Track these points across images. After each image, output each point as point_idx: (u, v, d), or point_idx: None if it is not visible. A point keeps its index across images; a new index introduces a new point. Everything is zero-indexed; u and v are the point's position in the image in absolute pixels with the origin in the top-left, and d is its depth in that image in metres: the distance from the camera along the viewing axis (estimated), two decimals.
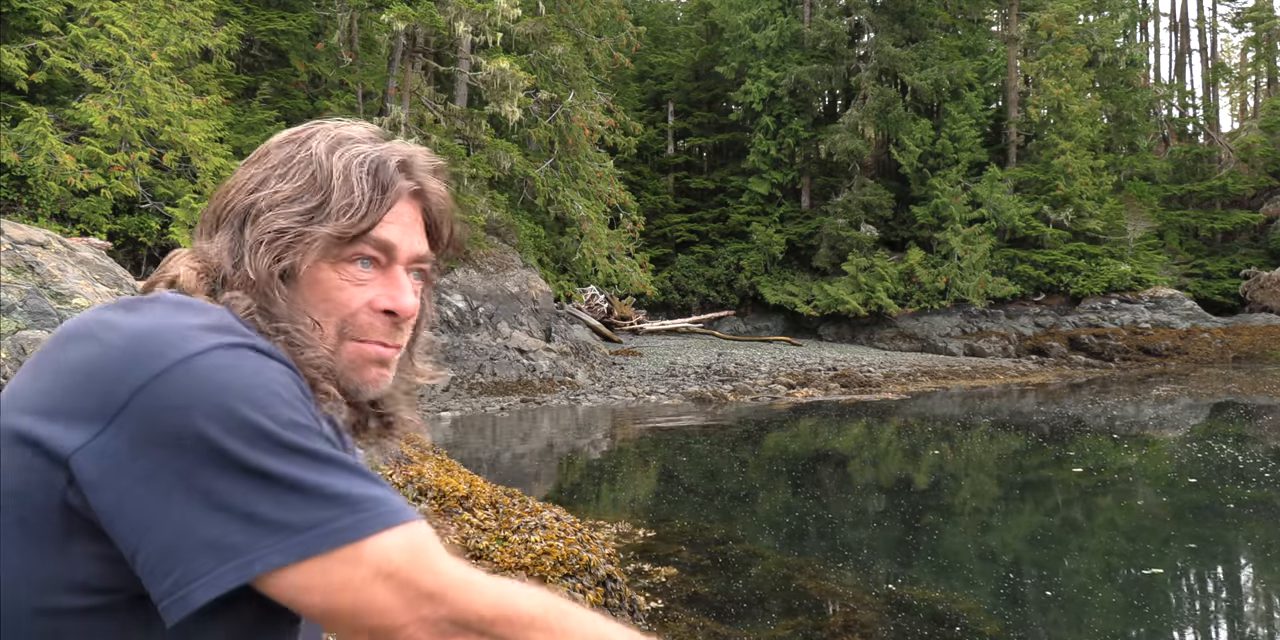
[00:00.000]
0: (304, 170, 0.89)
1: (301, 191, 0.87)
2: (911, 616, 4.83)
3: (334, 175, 0.88)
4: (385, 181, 0.90)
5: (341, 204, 0.87)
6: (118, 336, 0.74)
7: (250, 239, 0.86)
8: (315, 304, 0.87)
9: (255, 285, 0.85)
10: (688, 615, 4.75)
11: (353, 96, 19.46)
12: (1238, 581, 5.93)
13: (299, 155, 0.90)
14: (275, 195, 0.87)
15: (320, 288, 0.88)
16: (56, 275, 5.30)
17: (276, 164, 0.90)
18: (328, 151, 0.89)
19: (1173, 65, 43.55)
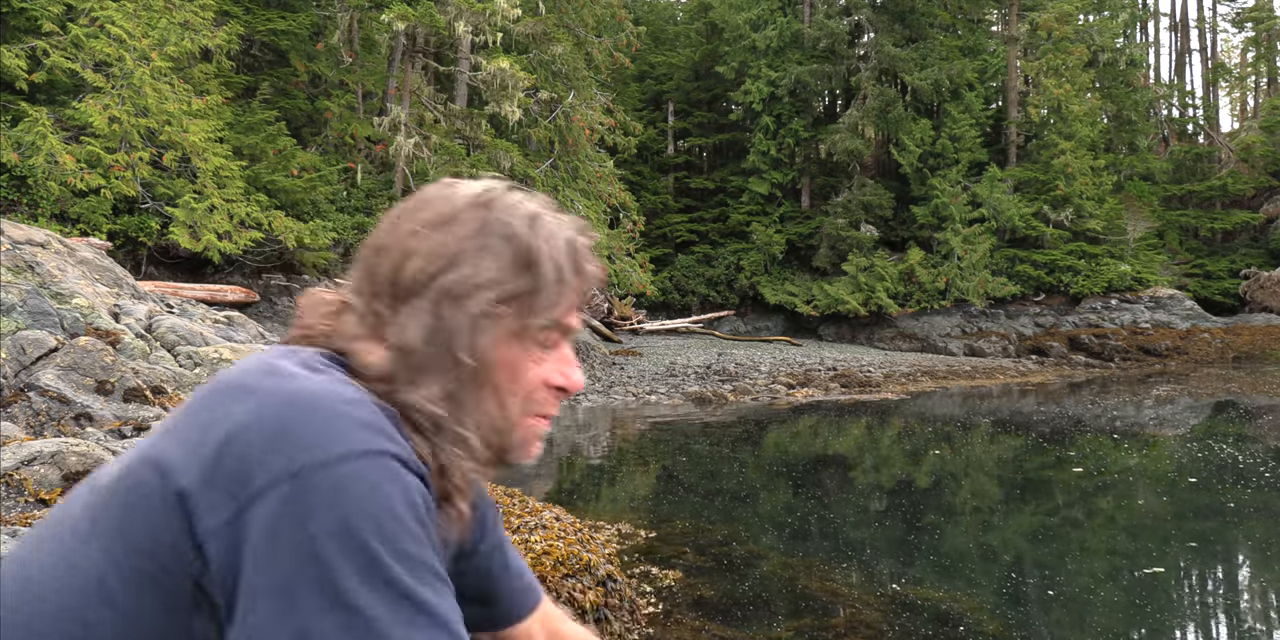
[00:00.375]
0: (505, 246, 0.84)
1: (508, 273, 0.83)
2: (915, 616, 4.83)
3: (541, 259, 0.85)
4: (584, 269, 0.89)
5: (552, 293, 0.85)
6: (275, 410, 0.73)
7: (453, 321, 0.82)
8: (504, 386, 0.85)
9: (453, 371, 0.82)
10: (692, 618, 4.75)
11: (353, 96, 19.46)
12: (1239, 581, 5.93)
13: (495, 226, 0.85)
14: (480, 274, 0.82)
15: (511, 370, 0.85)
16: (56, 275, 5.30)
17: (471, 234, 0.84)
18: (528, 227, 0.85)
19: (1173, 65, 43.57)
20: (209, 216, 13.26)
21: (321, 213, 16.43)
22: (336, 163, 17.59)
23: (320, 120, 18.52)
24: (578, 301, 0.89)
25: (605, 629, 4.05)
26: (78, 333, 4.71)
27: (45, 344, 4.39)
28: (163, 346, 5.32)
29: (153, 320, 5.67)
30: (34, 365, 4.27)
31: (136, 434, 4.12)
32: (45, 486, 3.25)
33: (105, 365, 4.41)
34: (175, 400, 4.65)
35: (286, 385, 0.75)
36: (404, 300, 0.83)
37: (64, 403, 4.09)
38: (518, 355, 0.85)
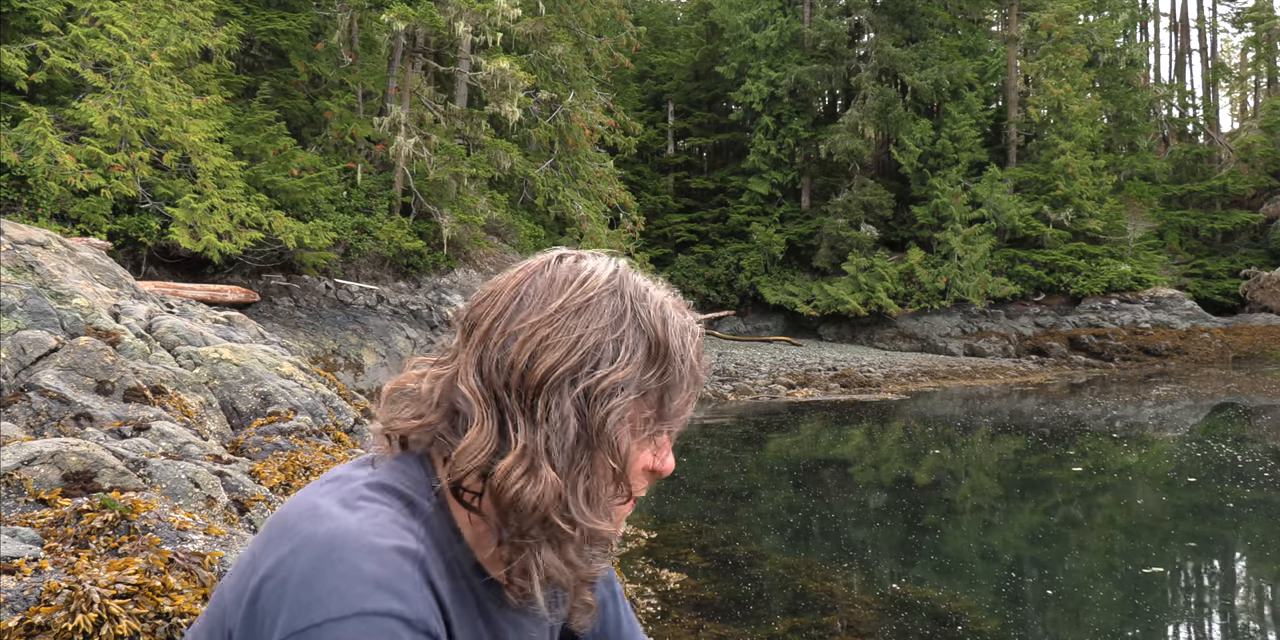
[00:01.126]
0: (641, 339, 0.80)
1: (643, 368, 0.80)
2: (914, 616, 4.83)
3: (674, 354, 0.81)
4: (702, 361, 0.86)
5: (682, 389, 0.82)
6: (296, 561, 0.73)
7: (597, 421, 0.78)
8: (627, 479, 0.83)
9: (593, 473, 0.79)
10: (691, 617, 4.75)
11: (353, 96, 19.47)
12: (1238, 581, 5.93)
13: (629, 316, 0.80)
14: (620, 370, 0.78)
15: (634, 464, 0.83)
16: (56, 275, 5.30)
17: (609, 325, 0.79)
18: (661, 320, 0.82)
19: (1173, 65, 43.57)
20: (209, 216, 13.26)
21: (321, 213, 16.44)
22: (336, 163, 17.60)
23: (320, 120, 18.53)
24: (696, 396, 0.86)
25: None
26: (78, 333, 4.71)
27: (45, 344, 4.39)
28: (163, 346, 5.32)
29: (153, 320, 5.68)
30: (34, 365, 4.27)
31: (136, 434, 4.12)
32: (45, 486, 3.26)
33: (105, 365, 4.41)
34: (175, 400, 4.65)
35: (317, 530, 0.74)
36: (538, 396, 0.77)
37: (64, 403, 4.09)
38: (643, 451, 0.83)
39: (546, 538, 0.78)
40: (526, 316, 0.79)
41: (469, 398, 0.78)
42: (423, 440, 0.83)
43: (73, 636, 2.44)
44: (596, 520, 0.79)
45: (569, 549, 0.79)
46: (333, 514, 0.75)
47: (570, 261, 0.84)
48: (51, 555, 2.83)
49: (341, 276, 17.31)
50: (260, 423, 4.94)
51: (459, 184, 19.15)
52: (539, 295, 0.80)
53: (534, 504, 0.76)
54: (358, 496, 0.78)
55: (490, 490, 0.77)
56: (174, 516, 3.20)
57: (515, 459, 0.76)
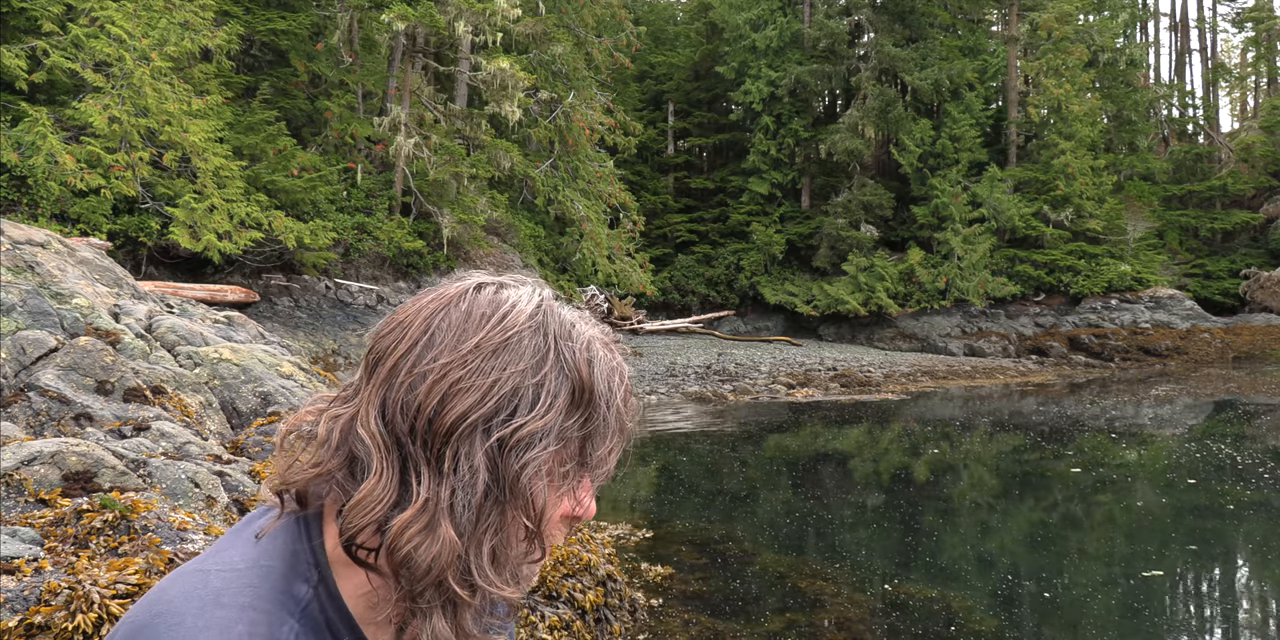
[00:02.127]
0: (564, 383, 0.72)
1: (565, 415, 0.72)
2: (907, 615, 4.84)
3: (599, 399, 0.74)
4: (630, 404, 0.78)
5: (606, 437, 0.75)
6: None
7: (510, 474, 0.70)
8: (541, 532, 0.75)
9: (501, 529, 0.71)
10: (684, 612, 4.77)
11: (353, 96, 19.47)
12: (1238, 583, 5.94)
13: (552, 357, 0.72)
14: (540, 417, 0.70)
15: (551, 516, 0.75)
16: (56, 275, 5.31)
17: (530, 368, 0.71)
18: (586, 362, 0.74)
19: (1173, 65, 43.57)
20: (209, 216, 13.27)
21: (321, 213, 16.45)
22: (336, 163, 17.61)
23: (320, 120, 18.54)
24: (623, 442, 0.78)
25: (605, 628, 4.06)
26: (78, 333, 4.72)
27: (45, 344, 4.40)
28: (163, 346, 5.34)
29: (153, 320, 5.69)
30: (34, 365, 4.28)
31: (136, 434, 4.14)
32: (45, 486, 3.27)
33: (105, 365, 4.42)
34: (175, 400, 4.66)
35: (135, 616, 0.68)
36: (446, 445, 0.69)
37: (64, 403, 4.10)
38: (561, 503, 0.76)
39: (441, 603, 0.71)
40: (438, 355, 0.71)
41: (368, 443, 0.70)
42: (320, 492, 0.75)
43: (73, 636, 2.45)
44: (500, 585, 0.71)
45: (465, 616, 0.71)
46: (180, 629, 0.66)
47: (490, 292, 0.75)
48: (51, 555, 2.84)
49: (341, 276, 17.32)
50: (260, 423, 4.95)
51: (459, 184, 19.16)
52: (453, 330, 0.72)
53: (428, 565, 0.68)
54: (214, 600, 0.68)
55: (384, 546, 0.69)
56: (174, 516, 3.21)
57: (414, 513, 0.68)
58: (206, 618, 0.66)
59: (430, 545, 0.68)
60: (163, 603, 0.68)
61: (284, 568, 0.72)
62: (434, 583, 0.69)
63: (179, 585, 0.70)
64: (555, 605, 3.95)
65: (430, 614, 0.71)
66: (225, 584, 0.70)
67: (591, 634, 3.95)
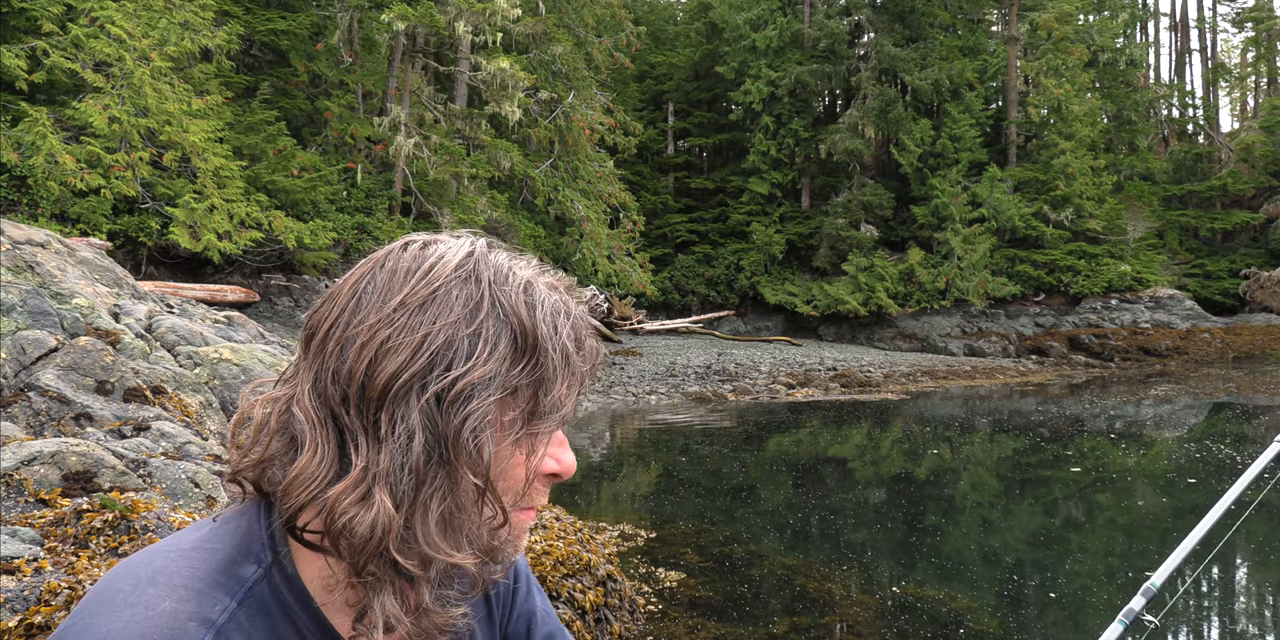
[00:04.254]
0: (503, 329, 0.69)
1: (507, 363, 0.68)
2: (914, 617, 4.83)
3: (544, 342, 0.70)
4: (585, 345, 0.75)
5: (558, 382, 0.71)
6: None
7: (450, 432, 0.66)
8: (502, 490, 0.72)
9: (450, 493, 0.68)
10: (689, 615, 4.75)
11: (353, 96, 19.46)
12: (1239, 583, 5.93)
13: (487, 305, 0.69)
14: (478, 369, 0.67)
15: (510, 473, 0.72)
16: (56, 275, 5.30)
17: (461, 317, 0.68)
18: (525, 304, 0.70)
19: (1173, 65, 43.57)
20: (209, 216, 13.26)
21: (321, 213, 16.44)
22: (336, 163, 17.60)
23: (320, 120, 18.53)
24: (581, 385, 0.75)
25: (605, 629, 4.05)
26: (78, 333, 4.71)
27: (45, 344, 4.39)
28: (163, 346, 5.33)
29: (153, 320, 5.68)
30: (34, 365, 4.27)
31: (136, 434, 4.13)
32: (45, 486, 3.26)
33: (105, 365, 4.41)
34: (175, 400, 4.65)
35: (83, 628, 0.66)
36: (381, 409, 0.66)
37: (64, 403, 4.09)
38: (519, 456, 0.72)
39: (390, 578, 0.68)
40: (365, 317, 0.68)
41: (302, 420, 0.68)
42: (275, 478, 0.71)
43: None
44: (451, 551, 0.68)
45: (422, 590, 0.68)
46: (109, 606, 0.65)
47: (416, 248, 0.72)
48: (51, 555, 2.83)
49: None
50: None
51: (459, 184, 19.15)
52: (379, 292, 0.69)
53: (365, 536, 0.65)
54: (149, 578, 0.66)
55: (323, 522, 0.67)
56: (174, 516, 3.20)
57: (349, 484, 0.65)
58: (136, 595, 0.65)
59: (365, 514, 0.65)
60: (105, 581, 0.67)
61: (231, 549, 0.70)
62: (375, 554, 0.66)
63: (125, 566, 0.69)
64: (555, 605, 3.94)
65: (380, 589, 0.68)
66: (166, 563, 0.68)
67: (592, 634, 3.94)
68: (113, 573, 0.68)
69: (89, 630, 0.63)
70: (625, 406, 14.83)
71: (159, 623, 0.63)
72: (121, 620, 0.63)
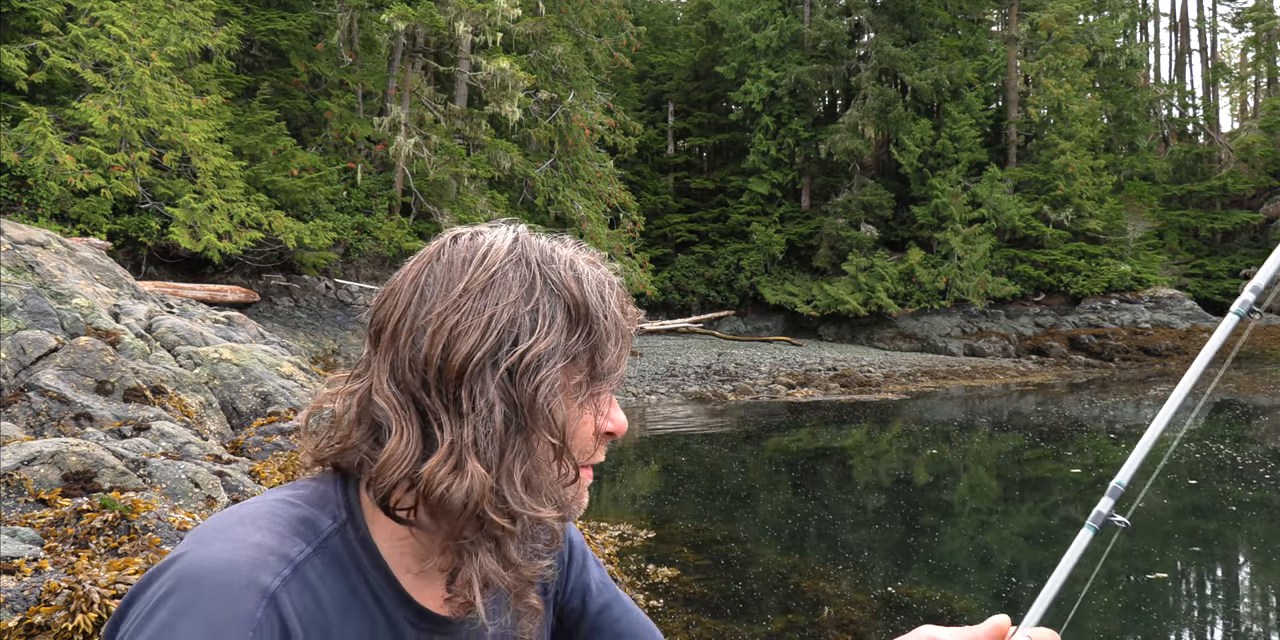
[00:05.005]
0: (557, 303, 0.75)
1: (565, 333, 0.75)
2: (910, 617, 4.83)
3: (595, 312, 0.77)
4: (629, 312, 0.81)
5: (611, 346, 0.78)
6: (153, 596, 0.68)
7: (526, 400, 0.73)
8: (572, 450, 0.78)
9: (530, 455, 0.74)
10: (685, 613, 4.76)
11: (353, 96, 19.47)
12: (1241, 584, 5.94)
13: (540, 283, 0.76)
14: (542, 342, 0.73)
15: (577, 430, 0.79)
16: (56, 275, 5.31)
17: (520, 297, 0.74)
18: (573, 280, 0.77)
19: (1173, 65, 43.57)
20: (209, 216, 13.27)
21: (321, 213, 16.45)
22: (336, 163, 17.61)
23: (320, 120, 18.53)
24: (630, 347, 0.82)
25: None
26: (78, 333, 4.72)
27: (45, 344, 4.40)
28: (163, 346, 5.33)
29: (153, 320, 5.68)
30: (34, 365, 4.28)
31: (136, 434, 4.13)
32: (45, 486, 3.26)
33: (105, 365, 4.42)
34: (175, 400, 4.66)
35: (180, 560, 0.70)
36: (460, 387, 0.72)
37: (64, 403, 4.10)
38: (586, 417, 0.79)
39: (484, 537, 0.74)
40: (432, 307, 0.74)
41: (385, 407, 0.73)
42: (352, 463, 0.78)
43: (73, 636, 2.45)
44: (538, 507, 0.74)
45: (509, 547, 0.75)
46: (203, 540, 0.71)
47: (466, 240, 0.78)
48: (51, 555, 2.84)
49: (341, 276, 17.32)
50: (260, 423, 4.94)
51: (459, 184, 19.16)
52: (440, 283, 0.75)
53: (463, 501, 0.71)
54: (239, 519, 0.73)
55: (420, 497, 0.73)
56: (174, 516, 3.20)
57: (441, 458, 0.71)
58: (229, 531, 0.71)
59: (461, 482, 0.71)
60: (202, 525, 0.74)
61: (308, 505, 0.76)
62: (472, 518, 0.72)
63: (219, 514, 0.76)
64: None
65: (476, 551, 0.74)
66: (253, 509, 0.74)
67: None
68: (209, 519, 0.74)
69: (184, 557, 0.69)
70: (625, 406, 14.84)
71: (245, 553, 0.69)
72: (212, 550, 0.69)
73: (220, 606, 0.66)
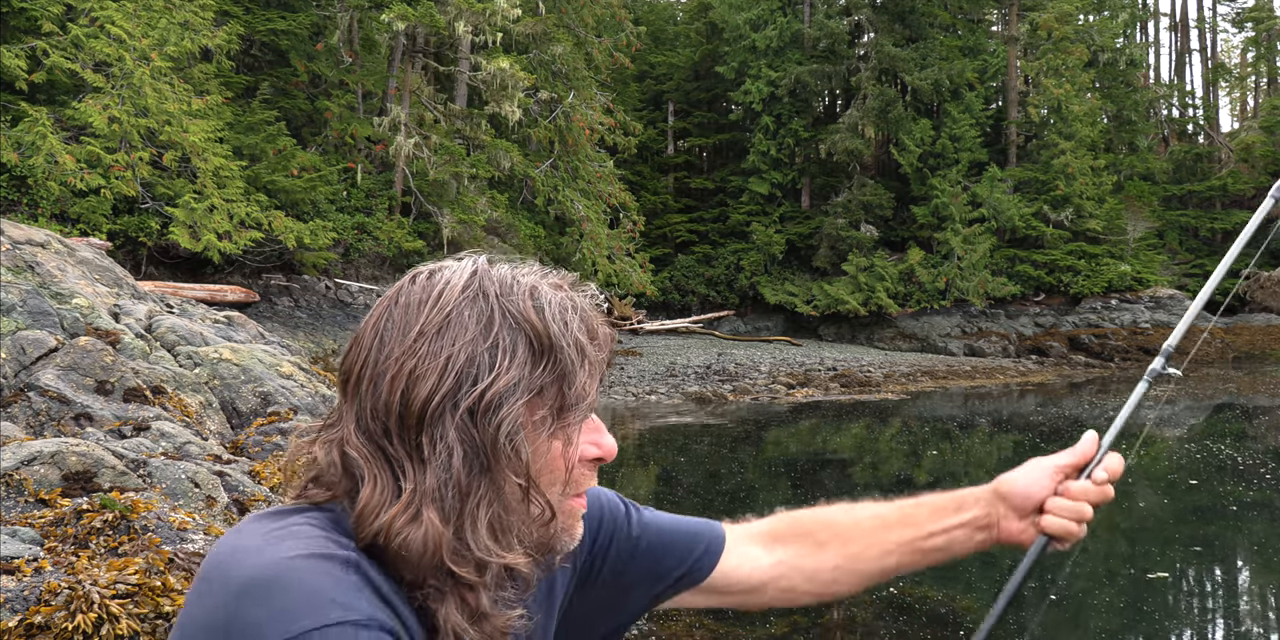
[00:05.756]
0: (517, 336, 0.73)
1: (528, 367, 0.72)
2: (913, 618, 4.83)
3: (558, 341, 0.74)
4: (599, 334, 0.78)
5: (579, 375, 0.75)
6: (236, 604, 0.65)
7: (488, 441, 0.71)
8: (548, 485, 0.76)
9: (496, 498, 0.72)
10: (688, 615, 4.75)
11: (353, 96, 19.46)
12: (1242, 584, 5.93)
13: (498, 317, 0.73)
14: (502, 379, 0.71)
15: (552, 467, 0.76)
16: (56, 275, 5.30)
17: (476, 335, 0.72)
18: (533, 309, 0.74)
19: (1173, 65, 43.57)
20: (209, 216, 13.27)
21: (321, 213, 16.44)
22: (336, 163, 17.60)
23: (320, 120, 18.53)
24: (601, 371, 0.79)
25: None
26: (78, 333, 4.71)
27: (45, 344, 4.39)
28: (163, 346, 5.33)
29: (153, 320, 5.68)
30: (34, 365, 4.27)
31: (136, 434, 4.13)
32: (45, 486, 3.26)
33: (105, 365, 4.41)
34: (175, 400, 4.65)
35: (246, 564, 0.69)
36: (421, 433, 0.71)
37: (64, 403, 4.09)
38: (556, 449, 0.76)
39: (452, 587, 0.72)
40: (390, 352, 0.72)
41: (355, 456, 0.72)
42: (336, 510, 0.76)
43: (73, 636, 2.44)
44: (503, 553, 0.71)
45: (480, 596, 0.72)
46: (258, 546, 0.69)
47: (424, 279, 0.76)
48: (51, 555, 2.83)
49: (341, 276, 17.32)
50: (260, 423, 4.94)
51: (459, 184, 19.16)
52: (397, 327, 0.73)
53: (420, 551, 0.69)
54: (273, 523, 0.72)
55: (383, 544, 0.71)
56: (174, 516, 3.20)
57: (400, 507, 0.69)
58: (281, 533, 0.70)
59: (416, 531, 0.69)
60: (240, 542, 0.70)
61: (321, 528, 0.74)
62: (433, 567, 0.70)
63: (240, 534, 0.72)
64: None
65: (442, 600, 0.72)
66: (271, 526, 0.72)
67: None
68: (236, 540, 0.71)
69: (239, 572, 0.66)
70: (625, 406, 14.83)
71: (307, 543, 0.68)
72: (269, 553, 0.67)
73: (323, 580, 0.65)
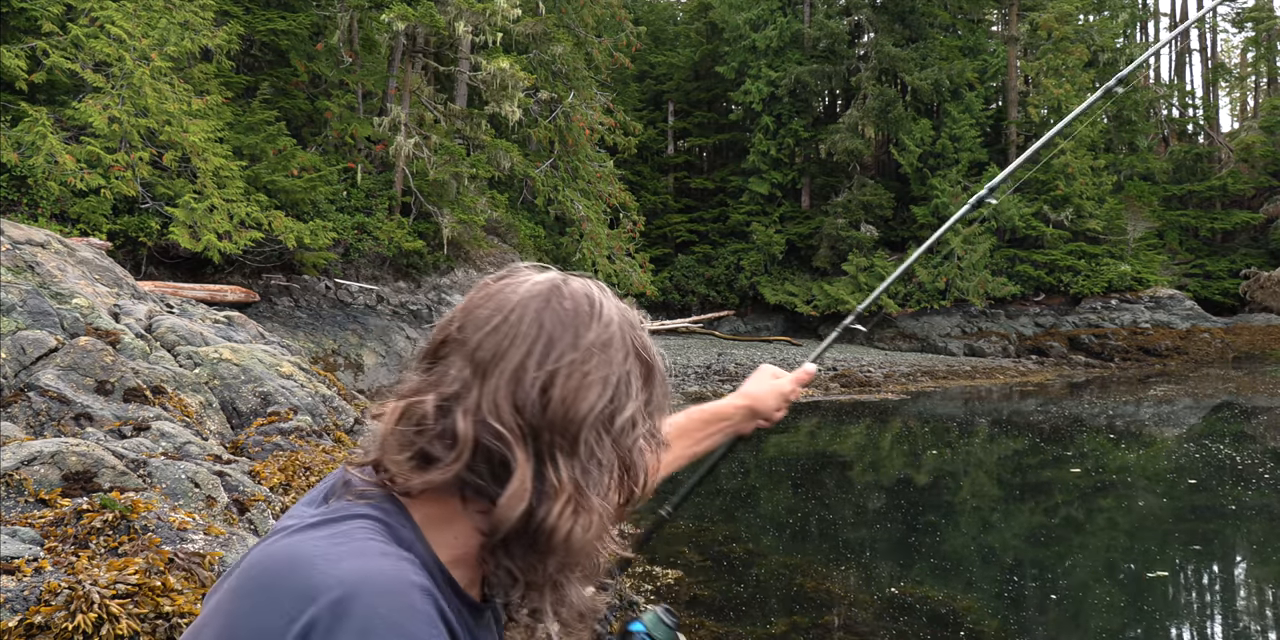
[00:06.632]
0: (639, 364, 0.82)
1: (644, 389, 0.83)
2: (913, 617, 4.83)
3: (657, 369, 0.85)
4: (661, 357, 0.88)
5: (664, 395, 0.86)
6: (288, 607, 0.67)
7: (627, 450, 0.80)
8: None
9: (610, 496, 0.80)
10: (689, 615, 4.75)
11: (353, 96, 19.46)
12: (1241, 584, 5.93)
13: (632, 345, 0.82)
14: (637, 398, 0.81)
15: None
16: (56, 275, 5.30)
17: (624, 358, 0.81)
18: (646, 345, 0.84)
19: (1173, 65, 43.56)
20: (209, 216, 13.26)
21: (321, 213, 16.44)
22: (336, 163, 17.59)
23: (320, 120, 18.52)
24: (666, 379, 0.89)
25: (605, 627, 4.04)
26: (78, 333, 4.71)
27: (45, 344, 4.39)
28: (163, 346, 5.32)
29: (153, 320, 5.68)
30: (34, 365, 4.27)
31: (136, 434, 4.13)
32: (45, 486, 3.26)
33: (105, 365, 4.41)
34: (175, 400, 4.65)
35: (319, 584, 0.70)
36: (581, 431, 0.77)
37: (64, 403, 4.09)
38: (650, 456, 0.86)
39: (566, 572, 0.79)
40: (563, 353, 0.77)
41: (508, 437, 0.75)
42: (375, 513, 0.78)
43: (73, 636, 2.44)
44: (611, 542, 0.82)
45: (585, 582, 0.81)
46: (323, 555, 0.70)
47: (576, 286, 0.83)
48: (51, 555, 2.83)
49: (341, 276, 17.31)
50: (260, 423, 4.94)
51: (459, 184, 19.16)
52: (568, 329, 0.79)
53: (583, 538, 0.77)
54: (329, 530, 0.73)
55: (532, 533, 0.76)
56: (174, 516, 3.20)
57: (566, 497, 0.76)
58: (345, 548, 0.71)
59: (583, 520, 0.76)
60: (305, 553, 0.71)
61: (384, 514, 0.77)
62: (572, 554, 0.77)
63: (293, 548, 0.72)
64: None
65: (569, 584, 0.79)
66: (335, 530, 0.74)
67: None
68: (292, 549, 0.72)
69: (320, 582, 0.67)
70: None
71: (380, 562, 0.70)
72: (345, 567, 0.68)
73: (402, 614, 0.67)
